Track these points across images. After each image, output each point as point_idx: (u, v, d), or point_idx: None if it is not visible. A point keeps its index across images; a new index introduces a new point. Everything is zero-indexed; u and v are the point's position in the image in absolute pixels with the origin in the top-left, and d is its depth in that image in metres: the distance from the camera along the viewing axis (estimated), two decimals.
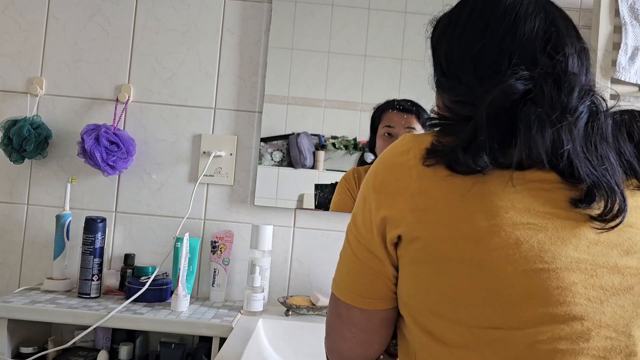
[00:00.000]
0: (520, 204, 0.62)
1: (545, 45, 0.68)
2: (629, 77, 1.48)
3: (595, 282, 0.61)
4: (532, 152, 0.61)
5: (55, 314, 1.27)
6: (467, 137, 0.63)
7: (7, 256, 1.54)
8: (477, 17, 0.72)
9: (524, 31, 0.69)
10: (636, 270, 0.62)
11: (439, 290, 0.64)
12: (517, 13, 0.70)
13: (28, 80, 1.56)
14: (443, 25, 0.77)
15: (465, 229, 0.62)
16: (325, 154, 1.54)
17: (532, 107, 0.62)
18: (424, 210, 0.64)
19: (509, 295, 0.60)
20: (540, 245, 0.60)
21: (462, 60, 0.72)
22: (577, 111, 0.63)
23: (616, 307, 0.60)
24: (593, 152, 0.63)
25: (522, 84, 0.64)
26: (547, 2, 0.73)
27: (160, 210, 1.55)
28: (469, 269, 0.61)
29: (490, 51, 0.69)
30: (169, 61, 1.56)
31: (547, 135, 0.61)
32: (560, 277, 0.60)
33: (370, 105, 1.53)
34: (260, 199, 1.53)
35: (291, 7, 1.54)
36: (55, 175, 1.55)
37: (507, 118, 0.63)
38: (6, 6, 1.57)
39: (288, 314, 1.40)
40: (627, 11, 1.49)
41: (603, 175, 0.62)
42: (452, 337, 0.63)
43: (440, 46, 0.76)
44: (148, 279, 1.39)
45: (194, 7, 1.57)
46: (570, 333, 0.59)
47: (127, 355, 1.37)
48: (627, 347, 0.60)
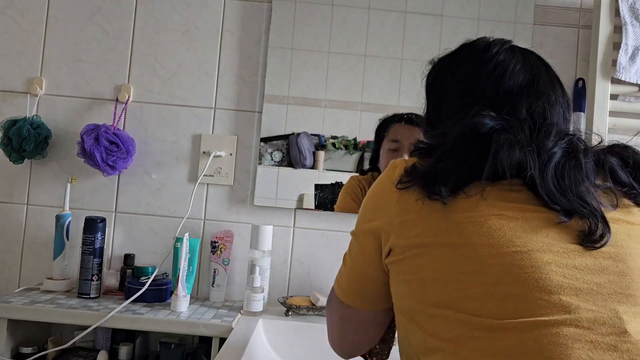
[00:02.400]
0: (491, 201, 0.67)
1: (530, 91, 0.76)
2: (629, 77, 1.48)
3: (569, 262, 0.64)
4: (499, 167, 0.66)
5: (55, 314, 1.27)
6: (433, 166, 0.70)
7: (7, 256, 1.54)
8: (467, 67, 0.80)
9: (508, 85, 0.76)
10: (608, 254, 0.65)
11: (423, 278, 0.68)
12: (506, 70, 0.77)
13: (28, 80, 1.55)
14: (437, 69, 0.86)
15: (439, 225, 0.68)
16: (325, 154, 1.54)
17: (504, 134, 0.68)
18: (404, 223, 0.71)
19: (486, 275, 0.63)
20: (512, 232, 0.65)
21: (450, 107, 0.80)
22: (551, 151, 0.69)
23: (592, 284, 0.63)
24: (566, 183, 0.67)
25: (490, 120, 0.69)
26: (536, 58, 0.81)
27: (160, 210, 1.55)
28: (446, 251, 0.67)
29: (476, 99, 0.76)
30: (169, 61, 1.56)
31: (514, 155, 0.67)
32: (533, 257, 0.63)
33: (370, 105, 1.53)
34: (260, 199, 1.53)
35: (291, 7, 1.54)
36: (55, 175, 1.55)
37: (478, 145, 0.68)
38: (6, 6, 1.57)
39: (288, 314, 1.40)
40: (627, 11, 1.49)
41: (577, 199, 0.66)
42: (445, 331, 0.65)
43: (433, 90, 0.85)
44: (148, 279, 1.39)
45: (194, 7, 1.57)
46: (551, 306, 0.61)
47: (126, 355, 1.37)
48: (614, 325, 0.61)
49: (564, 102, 0.78)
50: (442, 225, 0.67)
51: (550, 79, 0.80)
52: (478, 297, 0.63)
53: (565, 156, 0.69)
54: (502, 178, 0.68)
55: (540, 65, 0.81)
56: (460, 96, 0.79)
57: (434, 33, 1.53)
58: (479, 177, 0.67)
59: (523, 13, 1.55)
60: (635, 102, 1.53)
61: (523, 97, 0.75)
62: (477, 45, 0.82)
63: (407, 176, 0.72)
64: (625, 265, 0.65)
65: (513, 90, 0.76)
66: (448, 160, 0.69)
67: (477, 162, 0.68)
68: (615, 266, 0.64)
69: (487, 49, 0.80)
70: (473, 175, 0.68)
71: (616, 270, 0.64)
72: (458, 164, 0.69)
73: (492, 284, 0.63)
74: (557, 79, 0.81)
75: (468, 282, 0.64)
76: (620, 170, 0.72)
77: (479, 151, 0.68)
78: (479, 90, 0.77)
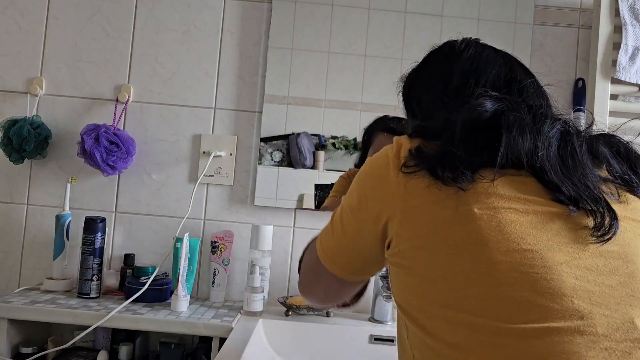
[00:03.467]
0: (502, 191, 0.64)
1: (509, 85, 0.74)
2: (629, 77, 1.48)
3: (580, 263, 0.61)
4: (513, 152, 0.64)
5: (55, 314, 1.27)
6: (441, 149, 0.66)
7: (7, 256, 1.54)
8: (441, 68, 0.80)
9: (487, 76, 0.75)
10: (617, 254, 0.62)
11: (424, 274, 0.65)
12: (479, 62, 0.77)
13: (28, 80, 1.55)
14: (411, 78, 0.85)
15: (446, 214, 0.63)
16: (325, 154, 1.54)
17: (511, 114, 0.66)
18: (409, 211, 0.67)
19: (494, 274, 0.60)
20: (522, 228, 0.61)
21: (433, 100, 0.78)
22: (549, 134, 0.67)
23: (604, 287, 0.60)
24: (569, 168, 0.65)
25: (491, 103, 0.67)
26: (504, 52, 0.81)
27: (160, 210, 1.55)
28: (451, 245, 0.63)
29: (458, 88, 0.75)
30: (169, 61, 1.56)
31: (527, 138, 0.65)
32: (544, 257, 0.60)
33: (370, 105, 1.53)
34: (260, 199, 1.53)
35: (291, 7, 1.54)
36: (55, 175, 1.55)
37: (488, 127, 0.66)
38: (6, 6, 1.57)
39: (288, 314, 1.40)
40: (627, 11, 1.49)
41: (581, 184, 0.64)
42: (446, 334, 0.62)
43: (410, 96, 0.84)
44: (148, 279, 1.39)
45: (194, 7, 1.57)
46: (563, 310, 0.58)
47: (126, 355, 1.37)
48: (628, 330, 0.59)
49: (542, 90, 0.78)
50: (449, 215, 0.63)
51: (524, 69, 0.79)
52: (484, 297, 0.59)
53: (562, 139, 0.67)
54: (512, 165, 0.64)
55: (510, 56, 0.80)
56: (443, 92, 0.77)
57: (434, 33, 1.53)
58: (491, 163, 0.64)
59: (523, 13, 1.55)
60: (635, 102, 1.53)
61: (508, 84, 0.74)
62: (445, 46, 0.83)
63: (413, 159, 0.67)
64: (635, 267, 0.62)
65: (495, 79, 0.75)
66: (459, 143, 0.65)
67: (489, 146, 0.64)
68: (625, 267, 0.62)
69: (454, 47, 0.81)
70: (486, 161, 0.64)
71: (627, 272, 0.62)
72: (471, 145, 0.65)
73: (500, 284, 0.59)
74: (526, 68, 0.80)
75: (474, 281, 0.60)
76: (613, 160, 0.70)
77: (490, 135, 0.65)
78: (459, 85, 0.76)
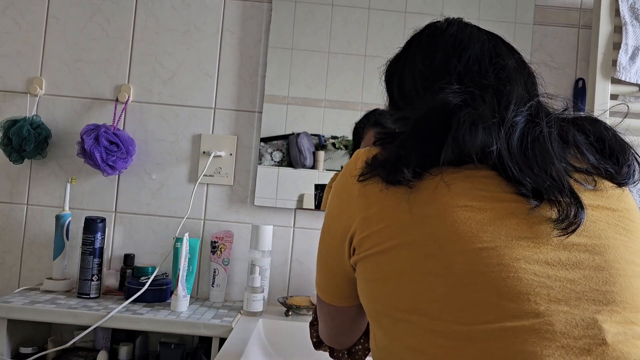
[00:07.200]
0: (457, 189, 0.62)
1: (490, 60, 0.73)
2: (630, 77, 1.48)
3: (540, 258, 0.59)
4: (461, 151, 0.62)
5: (54, 314, 1.27)
6: (393, 152, 0.66)
7: (6, 256, 1.54)
8: (424, 47, 0.79)
9: (469, 52, 0.74)
10: (584, 246, 0.60)
11: (385, 279, 0.64)
12: (461, 39, 0.76)
13: (28, 80, 1.55)
14: (394, 63, 0.84)
15: (403, 218, 0.63)
16: (325, 154, 1.54)
17: (465, 109, 0.64)
18: (367, 219, 0.66)
19: (451, 275, 0.59)
20: (478, 226, 0.60)
21: (414, 87, 0.76)
22: (513, 120, 0.64)
23: (565, 282, 0.58)
24: (531, 155, 0.63)
25: (454, 96, 0.66)
26: (488, 31, 0.79)
27: (160, 210, 1.55)
28: (409, 249, 0.62)
29: (437, 73, 0.74)
30: (169, 61, 1.56)
31: (478, 134, 0.62)
32: (500, 254, 0.58)
33: (370, 105, 1.53)
34: (260, 199, 1.53)
35: (291, 7, 1.54)
36: (55, 175, 1.55)
37: (439, 126, 0.65)
38: (6, 6, 1.57)
39: (288, 314, 1.40)
40: (628, 11, 1.49)
41: (544, 174, 0.61)
42: (409, 338, 0.61)
43: (392, 81, 0.82)
44: (148, 279, 1.39)
45: (194, 7, 1.57)
46: (519, 310, 0.56)
47: (126, 355, 1.37)
48: (588, 326, 0.56)
49: (525, 67, 0.76)
50: (406, 219, 0.62)
51: (508, 47, 0.78)
52: (444, 300, 0.58)
53: (527, 125, 0.65)
54: (469, 161, 0.63)
55: (494, 34, 0.79)
56: (424, 74, 0.76)
57: None
58: (448, 162, 0.63)
59: (523, 13, 1.55)
60: (635, 102, 1.53)
61: (487, 62, 0.73)
62: (428, 27, 0.82)
63: (367, 167, 0.68)
64: (603, 259, 0.60)
65: (477, 56, 0.74)
66: (408, 144, 0.65)
67: (440, 144, 0.63)
68: (591, 260, 0.59)
69: (436, 26, 0.80)
70: (436, 159, 0.63)
71: (592, 265, 0.59)
72: (420, 146, 0.64)
73: (458, 286, 0.58)
74: (510, 45, 0.78)
75: (433, 284, 0.59)
76: (589, 146, 0.67)
77: (442, 131, 0.64)
78: (441, 64, 0.74)
